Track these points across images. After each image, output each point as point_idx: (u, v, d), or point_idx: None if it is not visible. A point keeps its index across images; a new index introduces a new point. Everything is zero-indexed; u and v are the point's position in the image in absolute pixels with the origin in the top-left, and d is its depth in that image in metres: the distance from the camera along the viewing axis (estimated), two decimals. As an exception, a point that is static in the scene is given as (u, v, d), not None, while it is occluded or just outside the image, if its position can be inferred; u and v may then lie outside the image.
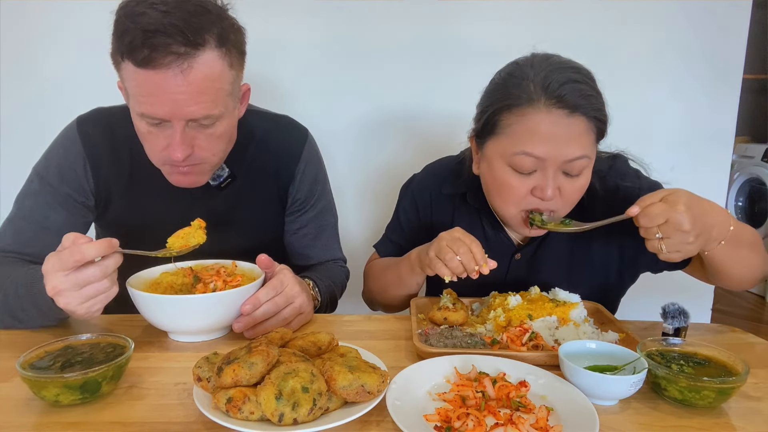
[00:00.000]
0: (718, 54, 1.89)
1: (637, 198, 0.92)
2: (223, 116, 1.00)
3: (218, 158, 1.07)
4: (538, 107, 0.95)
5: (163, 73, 0.89)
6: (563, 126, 0.94)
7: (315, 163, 1.28)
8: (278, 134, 1.24)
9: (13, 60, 1.80)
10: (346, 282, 1.34)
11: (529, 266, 1.18)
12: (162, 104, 0.92)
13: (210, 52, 0.93)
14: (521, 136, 0.97)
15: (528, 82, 0.97)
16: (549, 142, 0.95)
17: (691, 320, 0.96)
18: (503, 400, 0.74)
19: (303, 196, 1.26)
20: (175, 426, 0.70)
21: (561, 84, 0.94)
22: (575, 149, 0.95)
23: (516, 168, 0.99)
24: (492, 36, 1.84)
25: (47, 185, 1.10)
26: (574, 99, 0.94)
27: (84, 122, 1.14)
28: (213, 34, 0.92)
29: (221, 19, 0.95)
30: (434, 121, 1.92)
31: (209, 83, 0.94)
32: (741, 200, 3.96)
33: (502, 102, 1.00)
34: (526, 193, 1.01)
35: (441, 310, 1.02)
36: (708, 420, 0.74)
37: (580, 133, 0.96)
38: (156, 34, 0.87)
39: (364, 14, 1.82)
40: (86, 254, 0.80)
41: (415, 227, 1.28)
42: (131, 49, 0.88)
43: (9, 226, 1.09)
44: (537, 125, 0.95)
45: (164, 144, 0.98)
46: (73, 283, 0.81)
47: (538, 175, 0.99)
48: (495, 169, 1.03)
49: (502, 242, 1.18)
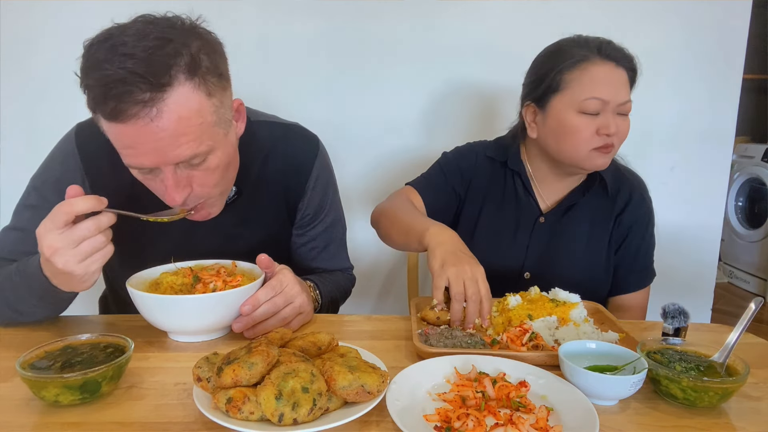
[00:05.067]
0: (718, 54, 1.88)
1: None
2: (213, 149, 0.92)
3: (222, 188, 1.02)
4: (594, 62, 1.18)
5: (134, 124, 0.83)
6: (615, 75, 1.18)
7: (325, 176, 1.23)
8: (288, 147, 1.18)
9: (14, 60, 1.80)
10: (350, 289, 1.32)
11: (552, 231, 1.33)
12: (144, 155, 0.87)
13: (179, 88, 0.83)
14: (587, 85, 1.17)
15: (579, 46, 1.21)
16: (609, 86, 1.17)
17: (691, 320, 0.96)
18: (503, 400, 0.74)
19: (312, 211, 1.22)
20: (175, 426, 0.70)
21: (606, 44, 1.20)
22: (625, 93, 1.19)
23: (586, 111, 1.18)
24: (493, 36, 1.84)
25: (45, 200, 1.05)
26: (618, 55, 1.19)
27: (83, 132, 1.09)
28: (180, 68, 0.83)
29: (188, 45, 0.84)
30: (441, 119, 1.92)
31: (186, 122, 0.85)
32: (741, 200, 3.96)
33: (562, 63, 1.20)
34: (592, 133, 1.18)
35: (433, 310, 1.02)
36: (708, 420, 0.74)
37: (625, 81, 1.19)
38: (116, 85, 0.79)
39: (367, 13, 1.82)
40: (75, 207, 0.80)
41: (455, 181, 1.38)
42: (96, 104, 0.83)
43: (8, 235, 1.08)
44: (597, 74, 1.17)
45: (162, 189, 0.94)
46: (68, 240, 0.80)
47: (600, 118, 1.18)
48: (565, 119, 1.20)
49: (530, 205, 1.35)
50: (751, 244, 3.84)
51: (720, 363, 0.80)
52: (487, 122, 1.91)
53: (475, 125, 1.92)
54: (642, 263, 1.35)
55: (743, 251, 3.91)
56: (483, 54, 1.85)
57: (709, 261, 2.04)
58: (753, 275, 3.85)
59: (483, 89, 1.89)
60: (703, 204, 1.98)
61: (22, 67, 1.80)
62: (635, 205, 1.33)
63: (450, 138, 1.91)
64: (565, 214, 1.33)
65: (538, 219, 1.34)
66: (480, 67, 1.87)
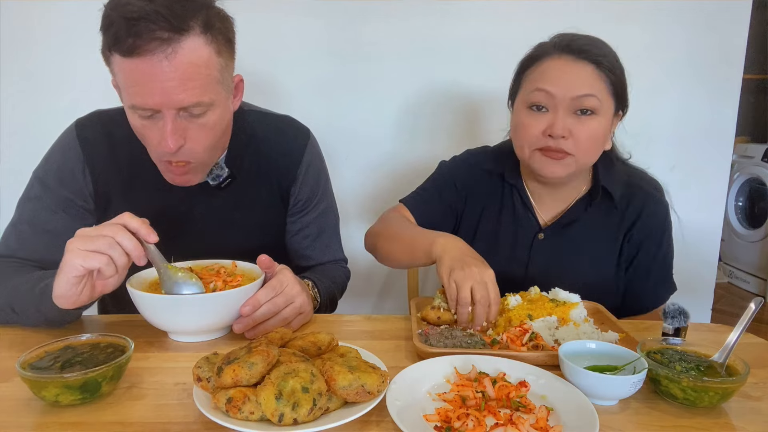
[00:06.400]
0: (718, 54, 1.88)
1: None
2: (214, 105, 0.98)
3: (210, 155, 1.06)
4: (551, 56, 1.11)
5: (149, 59, 0.89)
6: (571, 67, 1.09)
7: (317, 164, 1.27)
8: (280, 135, 1.23)
9: (14, 60, 1.80)
10: (346, 283, 1.34)
11: (553, 248, 1.24)
12: (151, 93, 0.92)
13: (195, 38, 0.92)
14: (535, 78, 1.11)
15: (545, 43, 1.15)
16: (559, 78, 1.08)
17: (691, 320, 0.96)
18: (503, 400, 0.74)
19: (305, 197, 1.26)
20: (175, 426, 0.70)
21: (572, 38, 1.11)
22: (582, 87, 1.07)
23: (531, 103, 1.11)
24: (493, 36, 1.83)
25: (47, 190, 1.10)
26: (581, 46, 1.09)
27: (83, 126, 1.13)
28: (198, 21, 0.92)
29: (206, 6, 0.95)
30: (437, 120, 1.92)
31: (196, 69, 0.93)
32: (741, 200, 3.95)
33: (524, 61, 1.16)
34: (539, 132, 1.10)
35: (434, 310, 1.02)
36: (708, 420, 0.74)
37: (588, 75, 1.08)
38: (139, 21, 0.87)
39: (363, 12, 1.82)
40: (127, 219, 0.86)
41: (450, 197, 1.32)
42: (116, 39, 0.89)
43: (12, 230, 1.09)
44: (548, 67, 1.11)
45: (158, 137, 0.98)
46: (91, 236, 0.84)
47: (550, 115, 1.09)
48: (516, 116, 1.16)
49: (528, 219, 1.27)
50: (751, 244, 3.84)
51: (720, 363, 0.80)
52: (487, 123, 1.90)
53: (475, 125, 1.92)
54: (659, 276, 1.24)
55: (743, 251, 3.91)
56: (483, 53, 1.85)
57: (709, 261, 2.05)
58: (753, 275, 3.85)
59: (483, 90, 1.88)
60: (703, 204, 1.98)
61: (23, 68, 1.80)
62: (648, 217, 1.21)
63: (450, 138, 1.92)
64: (566, 230, 1.24)
65: (536, 235, 1.25)
66: (480, 68, 1.87)
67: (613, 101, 1.12)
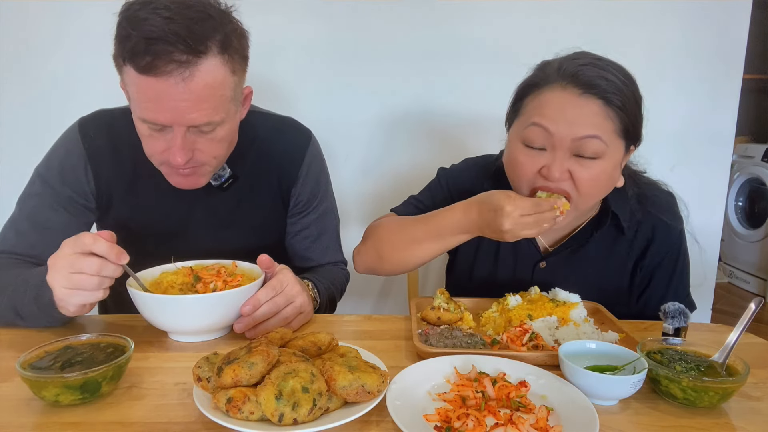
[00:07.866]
0: (718, 54, 1.88)
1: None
2: (224, 122, 1.00)
3: (218, 161, 1.08)
4: (553, 85, 0.98)
5: (165, 80, 0.89)
6: (575, 103, 0.96)
7: (318, 165, 1.28)
8: (281, 136, 1.23)
9: (15, 60, 1.79)
10: (345, 285, 1.34)
11: (555, 277, 1.14)
12: (163, 111, 0.92)
13: (212, 59, 0.92)
14: (534, 110, 1.00)
15: (549, 66, 1.02)
16: (559, 116, 0.96)
17: (691, 320, 0.96)
18: (503, 400, 0.74)
19: (305, 198, 1.26)
20: (175, 426, 0.70)
21: (580, 66, 0.97)
22: (585, 128, 0.95)
23: (526, 142, 1.00)
24: (493, 37, 1.83)
25: (49, 187, 1.10)
26: (589, 79, 0.95)
27: (86, 124, 1.14)
28: (215, 41, 0.92)
29: (224, 24, 0.94)
30: (438, 122, 1.92)
31: (211, 91, 0.93)
32: (741, 200, 3.95)
33: (525, 86, 1.04)
34: (534, 171, 1.00)
35: (434, 310, 1.02)
36: (708, 420, 0.74)
37: (593, 113, 0.95)
38: (158, 42, 0.86)
39: (366, 14, 1.82)
40: (96, 244, 0.82)
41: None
42: (133, 55, 0.88)
43: (12, 227, 1.10)
44: (549, 100, 0.98)
45: (164, 147, 0.98)
46: (69, 263, 0.83)
47: (547, 155, 0.98)
48: (510, 149, 1.05)
49: (528, 248, 1.17)
50: (751, 244, 3.84)
51: (720, 363, 0.80)
52: (488, 126, 1.90)
53: (476, 128, 1.92)
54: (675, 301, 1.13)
55: (743, 251, 3.91)
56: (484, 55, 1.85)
57: (709, 261, 2.04)
58: (753, 275, 3.85)
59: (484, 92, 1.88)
60: (703, 204, 1.98)
61: (24, 68, 1.80)
62: (660, 243, 1.12)
63: (450, 140, 1.91)
64: (570, 258, 1.15)
65: (537, 264, 1.16)
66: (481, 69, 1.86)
67: (623, 141, 1.00)
